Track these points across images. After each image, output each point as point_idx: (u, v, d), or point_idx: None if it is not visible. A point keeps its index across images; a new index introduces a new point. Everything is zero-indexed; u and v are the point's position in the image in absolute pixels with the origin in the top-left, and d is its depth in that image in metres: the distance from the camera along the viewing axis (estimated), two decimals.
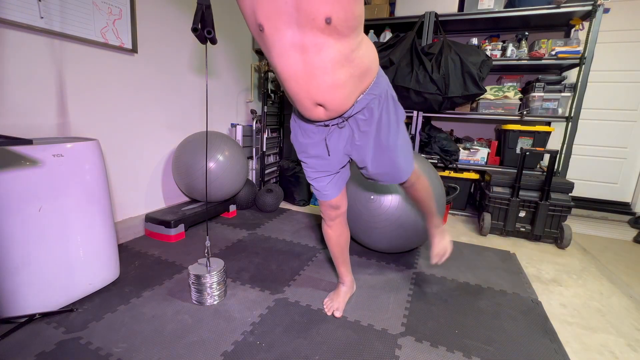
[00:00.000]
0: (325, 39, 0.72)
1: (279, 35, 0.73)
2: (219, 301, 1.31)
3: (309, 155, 1.08)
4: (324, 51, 0.74)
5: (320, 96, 0.83)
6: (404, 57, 2.34)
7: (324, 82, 0.79)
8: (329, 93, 0.82)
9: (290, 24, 0.71)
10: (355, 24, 0.74)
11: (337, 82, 0.80)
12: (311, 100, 0.84)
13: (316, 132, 1.02)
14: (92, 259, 1.28)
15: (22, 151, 1.07)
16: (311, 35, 0.72)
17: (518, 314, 1.33)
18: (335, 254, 1.29)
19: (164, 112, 2.05)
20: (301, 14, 0.69)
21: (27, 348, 1.02)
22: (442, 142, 2.55)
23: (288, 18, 0.70)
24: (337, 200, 1.15)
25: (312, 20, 0.69)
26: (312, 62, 0.75)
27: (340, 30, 0.72)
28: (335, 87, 0.81)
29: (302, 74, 0.78)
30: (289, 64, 0.77)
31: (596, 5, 2.09)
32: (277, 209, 2.56)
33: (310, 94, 0.82)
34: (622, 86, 2.64)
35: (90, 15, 1.53)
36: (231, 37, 2.60)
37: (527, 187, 2.10)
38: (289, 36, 0.73)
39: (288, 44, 0.74)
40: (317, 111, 0.88)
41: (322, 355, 1.06)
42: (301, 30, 0.71)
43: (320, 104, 0.85)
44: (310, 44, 0.73)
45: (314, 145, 1.04)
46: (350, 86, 0.84)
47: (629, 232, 2.43)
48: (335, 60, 0.76)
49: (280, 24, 0.71)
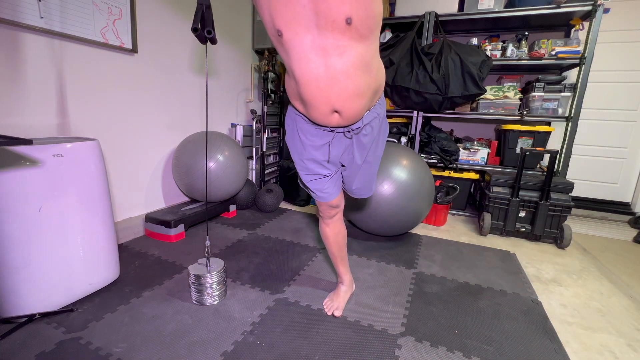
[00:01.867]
0: (346, 41, 0.72)
1: (299, 39, 0.72)
2: (219, 301, 1.31)
3: (306, 158, 1.05)
4: (346, 54, 0.74)
5: (340, 103, 0.82)
6: (404, 57, 2.34)
7: (346, 87, 0.79)
8: (349, 100, 0.82)
9: (309, 27, 0.70)
10: (374, 24, 0.74)
11: (358, 89, 0.81)
12: (330, 105, 0.83)
13: (316, 135, 0.99)
14: (92, 259, 1.28)
15: (22, 151, 1.07)
16: (332, 38, 0.71)
17: (518, 314, 1.33)
18: (333, 252, 1.29)
19: (164, 112, 2.05)
20: (321, 16, 0.68)
21: (27, 348, 1.02)
22: (442, 142, 2.55)
23: (307, 22, 0.70)
24: (336, 200, 1.16)
25: (333, 22, 0.69)
26: (334, 65, 0.75)
27: (361, 31, 0.72)
28: (356, 95, 0.82)
29: (324, 78, 0.77)
30: (310, 68, 0.76)
31: (596, 5, 2.09)
32: (277, 209, 2.56)
33: (330, 100, 0.81)
34: (622, 86, 2.64)
35: (90, 15, 1.53)
36: (231, 37, 2.60)
37: (527, 187, 2.10)
38: (309, 40, 0.72)
39: (308, 48, 0.73)
40: (332, 118, 0.87)
41: (322, 355, 1.06)
42: (321, 33, 0.71)
43: (337, 110, 0.85)
44: (332, 46, 0.72)
45: (314, 148, 1.02)
46: (368, 97, 0.86)
47: (629, 232, 2.43)
48: (356, 65, 0.76)
49: (300, 28, 0.71)
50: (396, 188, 1.81)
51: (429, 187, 1.94)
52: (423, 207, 1.92)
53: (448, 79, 2.22)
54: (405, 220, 1.88)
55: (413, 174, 1.86)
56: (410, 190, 1.83)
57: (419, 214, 1.92)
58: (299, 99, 0.89)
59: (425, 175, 1.93)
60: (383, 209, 1.82)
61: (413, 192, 1.84)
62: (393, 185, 1.81)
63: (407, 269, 1.67)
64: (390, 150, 1.93)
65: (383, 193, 1.81)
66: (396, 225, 1.90)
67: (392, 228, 1.92)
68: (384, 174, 1.82)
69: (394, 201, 1.81)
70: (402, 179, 1.82)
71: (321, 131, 0.98)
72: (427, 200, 1.93)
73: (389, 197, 1.81)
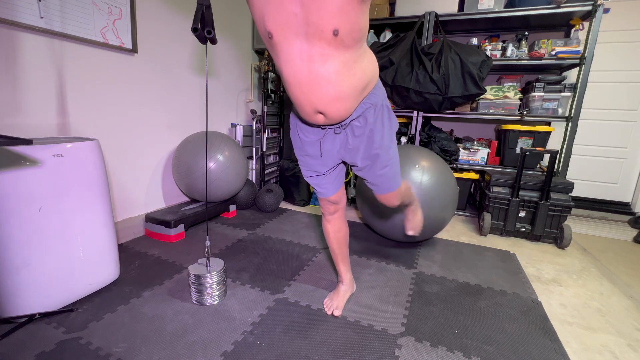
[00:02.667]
0: (331, 51, 0.75)
1: (287, 44, 0.76)
2: (219, 301, 1.31)
3: (304, 153, 1.11)
4: (329, 62, 0.77)
5: (322, 105, 0.85)
6: (404, 57, 2.34)
7: (327, 92, 0.82)
8: (331, 104, 0.85)
9: (298, 34, 0.74)
10: (359, 36, 0.77)
11: (341, 94, 0.83)
12: (312, 107, 0.87)
13: (311, 132, 1.05)
14: (92, 259, 1.28)
15: (22, 151, 1.07)
16: (318, 47, 0.74)
17: (518, 314, 1.33)
18: (334, 250, 1.29)
19: (164, 112, 2.05)
20: (310, 26, 0.71)
21: (27, 348, 1.02)
22: (442, 142, 2.55)
23: (297, 29, 0.73)
24: (335, 196, 1.18)
25: (321, 32, 0.72)
26: (317, 71, 0.78)
27: (346, 42, 0.75)
28: (338, 99, 0.84)
29: (307, 82, 0.80)
30: (295, 71, 0.80)
31: (596, 5, 2.09)
32: (277, 209, 2.56)
33: (312, 102, 0.85)
34: (622, 86, 2.64)
35: (90, 15, 1.53)
36: (231, 37, 2.60)
37: (527, 187, 2.10)
38: (297, 46, 0.75)
39: (295, 53, 0.77)
40: (317, 117, 0.90)
41: (322, 355, 1.06)
42: (309, 41, 0.74)
43: (320, 112, 0.88)
44: (317, 54, 0.76)
45: (310, 144, 1.07)
46: (353, 98, 0.87)
47: (629, 232, 2.43)
48: (339, 72, 0.79)
49: (289, 34, 0.74)
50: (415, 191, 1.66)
51: (452, 191, 1.80)
52: (445, 214, 1.79)
53: (448, 79, 2.22)
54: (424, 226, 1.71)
55: (434, 177, 1.73)
56: (431, 195, 1.70)
57: (441, 221, 1.80)
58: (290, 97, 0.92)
59: (449, 179, 1.79)
60: (399, 215, 1.70)
61: (434, 196, 1.71)
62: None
63: (407, 269, 1.67)
64: (408, 151, 1.83)
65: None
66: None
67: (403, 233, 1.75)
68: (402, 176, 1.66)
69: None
70: (423, 182, 1.70)
71: (315, 128, 1.03)
72: (450, 205, 1.80)
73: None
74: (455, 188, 1.86)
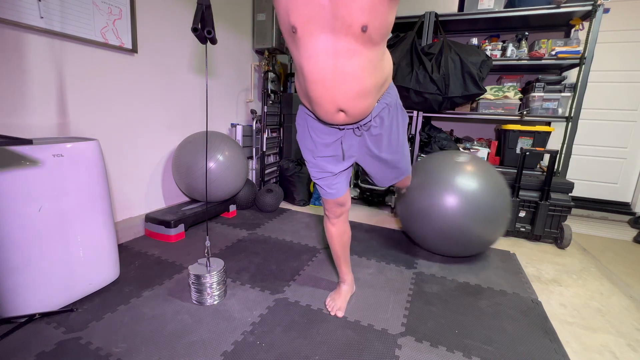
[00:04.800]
0: (358, 46, 0.74)
1: (312, 38, 0.74)
2: (219, 301, 1.31)
3: (317, 155, 1.07)
4: (356, 58, 0.75)
5: (345, 103, 0.83)
6: (404, 57, 2.33)
7: (352, 88, 0.80)
8: (355, 100, 0.83)
9: (324, 29, 0.72)
10: (386, 33, 0.76)
11: (365, 90, 0.82)
12: (335, 105, 0.84)
13: (326, 133, 1.02)
14: (92, 259, 1.28)
15: (22, 151, 1.07)
16: (345, 42, 0.73)
17: (518, 314, 1.33)
18: (337, 252, 1.29)
19: (164, 112, 2.05)
20: (338, 20, 0.70)
21: (27, 348, 1.02)
22: (442, 142, 2.55)
23: (323, 23, 0.71)
24: (344, 197, 1.17)
25: (349, 27, 0.70)
26: (342, 67, 0.76)
27: (373, 38, 0.74)
28: (362, 96, 0.83)
29: (331, 78, 0.78)
30: (319, 67, 0.77)
31: (596, 5, 2.09)
32: (277, 209, 2.56)
33: (335, 100, 0.83)
34: (622, 86, 2.64)
35: (90, 15, 1.53)
36: (231, 37, 2.60)
37: (527, 187, 2.10)
38: (322, 41, 0.73)
39: (320, 48, 0.74)
40: (337, 116, 0.88)
41: (322, 355, 1.06)
42: (335, 36, 0.72)
43: (342, 109, 0.86)
44: (343, 49, 0.74)
45: (325, 146, 1.04)
46: (373, 97, 0.87)
47: (629, 232, 2.43)
48: (364, 68, 0.78)
49: (315, 29, 0.72)
50: (458, 202, 1.55)
51: (502, 202, 1.58)
52: (491, 230, 1.59)
53: (448, 79, 2.22)
54: (467, 242, 1.60)
55: (480, 185, 1.55)
56: (473, 207, 1.53)
57: (485, 239, 1.62)
58: (307, 96, 0.90)
59: (501, 187, 1.61)
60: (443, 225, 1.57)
61: (476, 209, 1.53)
62: (455, 198, 1.55)
63: (407, 269, 1.67)
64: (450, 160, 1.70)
65: (442, 205, 1.55)
66: (455, 247, 1.65)
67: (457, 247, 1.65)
68: (445, 183, 1.57)
69: (454, 219, 1.53)
70: (466, 190, 1.55)
71: (331, 129, 1.00)
72: (499, 220, 1.60)
73: (449, 214, 1.54)
74: (505, 197, 1.62)
